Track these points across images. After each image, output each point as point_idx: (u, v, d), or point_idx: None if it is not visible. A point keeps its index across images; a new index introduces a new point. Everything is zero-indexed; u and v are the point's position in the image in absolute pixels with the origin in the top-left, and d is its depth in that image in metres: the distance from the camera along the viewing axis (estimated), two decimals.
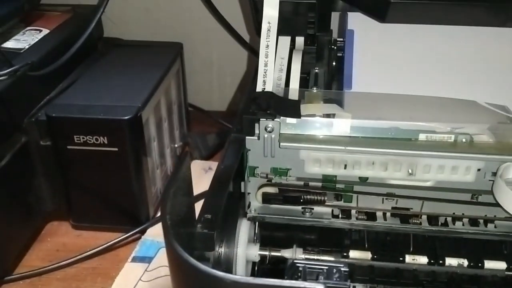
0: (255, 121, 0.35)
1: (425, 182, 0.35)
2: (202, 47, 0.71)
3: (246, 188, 0.37)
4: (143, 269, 0.48)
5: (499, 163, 0.33)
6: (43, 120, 0.48)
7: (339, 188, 0.37)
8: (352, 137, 0.34)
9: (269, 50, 0.37)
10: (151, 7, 0.70)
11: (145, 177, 0.51)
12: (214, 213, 0.29)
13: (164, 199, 0.26)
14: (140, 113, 0.47)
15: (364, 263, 0.37)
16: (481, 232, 0.36)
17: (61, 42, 0.55)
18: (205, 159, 0.62)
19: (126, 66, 0.56)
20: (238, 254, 0.34)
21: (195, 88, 0.70)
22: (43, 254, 0.51)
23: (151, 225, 0.52)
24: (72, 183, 0.50)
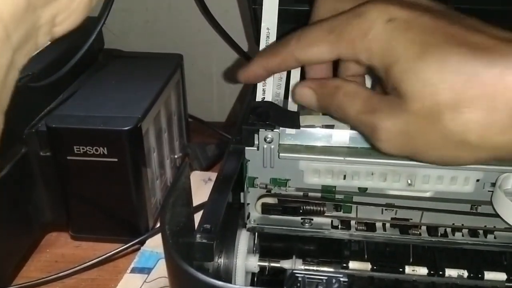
0: (255, 131, 0.35)
1: (424, 193, 0.35)
2: (202, 59, 0.72)
3: (245, 198, 0.37)
4: (142, 280, 0.48)
5: (498, 173, 0.34)
6: (43, 130, 0.48)
7: (338, 198, 0.37)
8: (351, 148, 0.34)
9: None
10: (151, 19, 0.70)
11: (145, 188, 0.51)
12: (213, 223, 0.29)
13: (164, 209, 0.26)
14: (140, 124, 0.47)
15: (363, 274, 0.37)
16: (480, 243, 0.36)
17: (61, 53, 0.55)
18: (205, 169, 0.62)
19: (126, 77, 0.57)
20: (238, 265, 0.34)
21: (195, 99, 0.71)
22: (42, 265, 0.50)
23: (151, 236, 0.52)
24: (71, 194, 0.50)
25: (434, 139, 0.28)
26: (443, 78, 0.26)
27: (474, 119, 0.26)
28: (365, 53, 0.29)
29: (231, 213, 0.34)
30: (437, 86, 0.27)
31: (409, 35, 0.28)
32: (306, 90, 0.34)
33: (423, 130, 0.28)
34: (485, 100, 0.26)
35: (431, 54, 0.27)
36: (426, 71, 0.27)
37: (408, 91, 0.27)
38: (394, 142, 0.29)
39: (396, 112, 0.28)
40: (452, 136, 0.27)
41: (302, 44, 0.32)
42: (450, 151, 0.28)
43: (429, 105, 0.27)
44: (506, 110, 0.25)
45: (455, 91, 0.26)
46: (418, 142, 0.28)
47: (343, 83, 0.32)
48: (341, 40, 0.30)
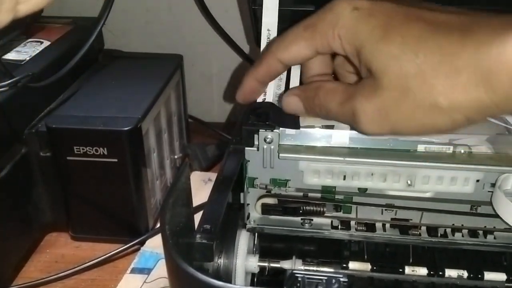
0: (255, 132, 0.35)
1: (424, 193, 0.36)
2: (202, 59, 0.72)
3: (245, 199, 0.37)
4: (142, 280, 0.48)
5: (498, 174, 0.34)
6: (43, 131, 0.48)
7: (338, 199, 0.37)
8: (351, 148, 0.34)
9: None
10: (151, 20, 0.70)
11: (145, 188, 0.51)
12: (213, 224, 0.29)
13: (164, 209, 0.26)
14: (140, 125, 0.47)
15: (363, 274, 0.37)
16: (480, 243, 0.36)
17: (62, 54, 0.55)
18: (205, 170, 0.62)
19: (126, 78, 0.57)
20: (237, 265, 0.34)
21: (195, 100, 0.71)
22: (42, 266, 0.50)
23: (150, 236, 0.52)
24: (71, 194, 0.50)
25: (408, 109, 0.29)
26: (405, 50, 0.29)
27: (438, 83, 0.28)
28: (337, 41, 0.32)
29: (231, 213, 0.34)
30: (401, 59, 0.29)
31: (372, 20, 0.30)
32: (291, 97, 0.35)
33: (397, 102, 0.29)
34: (446, 65, 0.28)
35: (393, 32, 0.29)
36: (390, 48, 0.29)
37: (377, 68, 0.30)
38: (373, 120, 0.30)
39: (370, 92, 0.30)
40: (422, 102, 0.28)
41: (282, 46, 0.34)
42: (425, 117, 0.29)
43: (397, 77, 0.29)
44: (465, 71, 0.27)
45: (417, 60, 0.28)
46: (395, 115, 0.30)
47: (323, 83, 0.34)
48: (316, 35, 0.33)
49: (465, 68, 0.27)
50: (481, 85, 0.27)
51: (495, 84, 0.26)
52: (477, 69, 0.27)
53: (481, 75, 0.27)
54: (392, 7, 0.31)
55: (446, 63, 0.28)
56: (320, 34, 0.32)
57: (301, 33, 0.33)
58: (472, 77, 0.27)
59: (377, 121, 0.30)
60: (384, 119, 0.30)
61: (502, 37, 0.26)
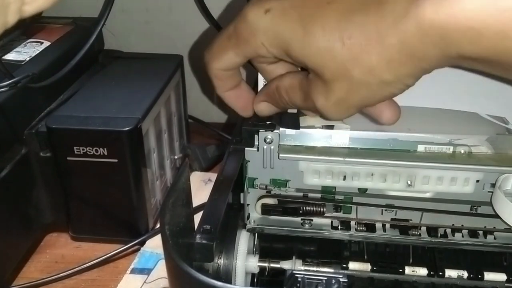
0: (255, 132, 0.35)
1: (424, 193, 0.36)
2: (202, 59, 0.72)
3: (245, 199, 0.37)
4: (142, 280, 0.48)
5: (498, 174, 0.34)
6: (43, 131, 0.48)
7: (338, 199, 0.37)
8: (351, 149, 0.34)
9: None
10: (151, 20, 0.70)
11: (145, 188, 0.51)
12: (213, 224, 0.29)
13: (164, 209, 0.26)
14: (140, 125, 0.48)
15: (363, 274, 0.37)
16: (480, 244, 0.36)
17: (62, 54, 0.55)
18: (205, 170, 0.62)
19: (127, 78, 0.57)
20: (237, 266, 0.34)
21: (195, 100, 0.71)
22: (42, 266, 0.50)
23: (150, 236, 0.52)
24: (71, 195, 0.50)
25: (362, 91, 0.29)
26: (331, 40, 0.28)
27: (375, 63, 0.27)
28: (262, 48, 0.31)
29: (231, 213, 0.34)
30: (330, 49, 0.28)
31: (288, 18, 0.30)
32: (260, 104, 0.36)
33: (348, 90, 0.29)
34: (373, 43, 0.27)
35: (312, 25, 0.29)
36: (316, 42, 0.29)
37: (314, 65, 0.29)
38: (337, 110, 0.31)
39: (321, 88, 0.30)
40: (370, 82, 0.28)
41: (213, 56, 0.34)
42: (381, 91, 0.29)
43: (336, 68, 0.29)
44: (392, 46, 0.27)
45: (346, 47, 0.28)
46: (354, 99, 0.30)
47: (279, 81, 0.34)
48: (240, 44, 0.32)
49: (392, 43, 0.27)
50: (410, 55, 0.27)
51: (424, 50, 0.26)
52: (402, 42, 0.26)
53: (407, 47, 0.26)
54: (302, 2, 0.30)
55: (372, 42, 0.27)
56: (244, 44, 0.32)
57: (226, 43, 0.33)
58: (401, 50, 0.27)
59: (341, 110, 0.31)
60: (346, 107, 0.30)
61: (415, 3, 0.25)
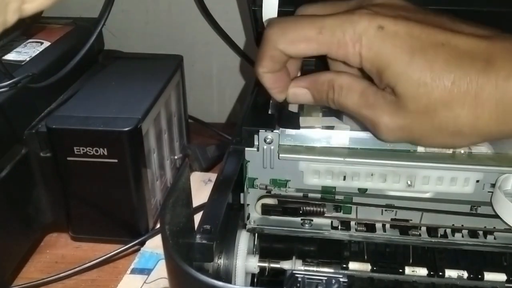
0: (255, 132, 0.35)
1: (424, 194, 0.36)
2: (202, 60, 0.72)
3: (245, 199, 0.37)
4: (142, 281, 0.48)
5: (498, 174, 0.34)
6: (43, 131, 0.48)
7: (338, 199, 0.37)
8: (351, 149, 0.34)
9: None
10: (151, 20, 0.70)
11: (145, 188, 0.51)
12: (213, 224, 0.29)
13: (164, 210, 0.26)
14: (140, 125, 0.48)
15: (363, 274, 0.37)
16: (480, 244, 0.36)
17: (62, 55, 0.55)
18: (205, 170, 0.62)
19: (127, 78, 0.57)
20: (237, 266, 0.34)
21: (195, 100, 0.71)
22: (42, 266, 0.50)
23: (150, 236, 0.52)
24: (71, 195, 0.50)
25: (431, 132, 0.31)
26: (433, 79, 0.29)
27: (464, 113, 0.29)
28: (357, 57, 0.31)
29: (231, 214, 0.34)
30: (429, 87, 0.29)
31: (398, 42, 0.30)
32: (299, 90, 0.35)
33: (420, 125, 0.31)
34: (471, 95, 0.29)
35: (419, 58, 0.30)
36: (417, 74, 0.29)
37: (404, 93, 0.30)
38: (394, 135, 0.32)
39: (394, 110, 0.31)
40: (446, 129, 0.30)
41: (288, 39, 0.32)
42: (446, 140, 0.31)
43: (424, 104, 0.30)
44: (488, 103, 0.29)
45: (445, 90, 0.29)
46: (416, 134, 0.31)
47: (336, 76, 0.33)
48: (333, 42, 0.31)
49: (488, 101, 0.29)
50: (501, 118, 0.29)
51: None
52: (498, 103, 0.29)
53: (502, 109, 0.29)
54: (416, 27, 0.30)
55: (471, 94, 0.29)
56: (338, 45, 0.31)
57: (315, 33, 0.31)
58: (493, 109, 0.29)
59: (398, 136, 0.32)
60: (406, 135, 0.32)
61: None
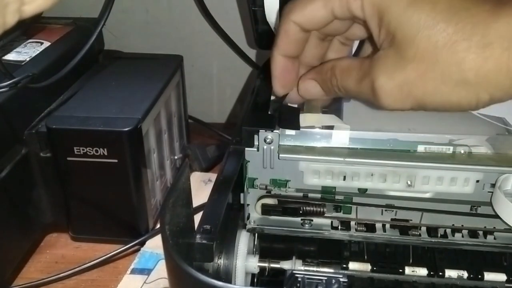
0: (255, 132, 0.35)
1: (424, 194, 0.36)
2: (202, 60, 0.72)
3: (245, 199, 0.37)
4: (142, 281, 0.48)
5: (498, 174, 0.34)
6: (43, 131, 0.48)
7: (338, 199, 0.37)
8: (351, 149, 0.34)
9: None
10: (151, 21, 0.70)
11: (145, 189, 0.51)
12: (213, 224, 0.29)
13: (164, 210, 0.26)
14: (140, 125, 0.48)
15: (363, 274, 0.37)
16: (480, 244, 0.36)
17: (62, 55, 0.55)
18: (205, 170, 0.62)
19: (127, 79, 0.57)
20: (237, 266, 0.34)
21: (195, 100, 0.71)
22: (42, 266, 0.50)
23: (150, 237, 0.52)
24: (71, 195, 0.50)
25: (434, 83, 0.28)
26: (436, 19, 0.27)
27: (469, 57, 0.26)
28: (359, 6, 0.29)
29: (231, 214, 0.34)
30: (431, 28, 0.27)
31: None
32: (308, 82, 0.35)
33: (421, 75, 0.28)
34: (477, 36, 0.26)
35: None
36: (419, 16, 0.27)
37: (404, 37, 0.28)
38: (395, 95, 0.29)
39: (391, 66, 0.29)
40: (450, 76, 0.27)
41: (296, 7, 0.32)
42: (451, 93, 0.28)
43: (425, 47, 0.27)
44: (498, 44, 0.26)
45: (448, 31, 0.27)
46: (418, 89, 0.28)
47: (336, 62, 0.33)
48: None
49: (498, 41, 0.26)
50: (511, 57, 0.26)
51: None
52: (510, 45, 0.25)
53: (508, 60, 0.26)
54: None
55: (478, 35, 0.26)
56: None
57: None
58: (505, 51, 0.26)
59: (399, 95, 0.29)
60: (406, 95, 0.29)
61: None
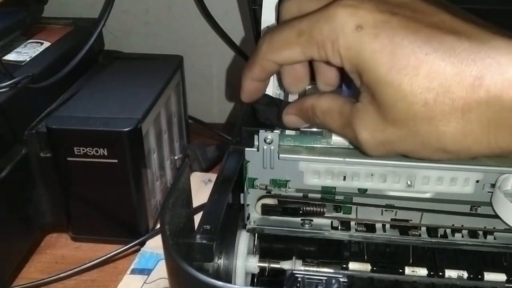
0: (254, 132, 0.35)
1: (424, 194, 0.35)
2: (202, 60, 0.72)
3: (245, 199, 0.37)
4: (142, 281, 0.48)
5: (498, 174, 0.34)
6: (43, 132, 0.48)
7: (338, 199, 0.37)
8: (351, 149, 0.34)
9: None
10: (151, 21, 0.70)
11: (145, 189, 0.51)
12: (213, 224, 0.29)
13: (164, 210, 0.26)
14: (140, 125, 0.48)
15: (363, 274, 0.37)
16: (480, 244, 0.36)
17: (62, 55, 0.55)
18: (205, 171, 0.63)
19: (127, 79, 0.57)
20: (237, 266, 0.34)
21: (195, 101, 0.71)
22: (42, 266, 0.50)
23: (151, 237, 0.52)
24: (71, 195, 0.50)
25: (414, 147, 0.28)
26: (414, 92, 0.26)
27: (448, 131, 0.26)
28: (337, 58, 0.29)
29: (231, 214, 0.34)
30: (409, 101, 0.26)
31: (377, 44, 0.27)
32: (290, 117, 0.35)
33: (401, 140, 0.28)
34: (458, 114, 0.26)
35: (401, 66, 0.26)
36: (397, 84, 0.26)
37: (383, 101, 0.27)
38: (377, 150, 0.30)
39: (373, 124, 0.29)
40: (430, 145, 0.27)
41: (273, 48, 0.31)
42: (432, 155, 0.28)
43: (405, 117, 0.27)
44: (478, 123, 0.26)
45: (428, 105, 0.26)
46: (400, 149, 0.29)
47: (316, 101, 0.32)
48: (312, 43, 0.29)
49: (479, 120, 0.26)
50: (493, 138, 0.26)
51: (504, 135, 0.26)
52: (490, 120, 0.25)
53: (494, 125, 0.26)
54: (400, 25, 0.27)
55: (458, 110, 0.26)
56: (317, 45, 0.29)
57: (295, 39, 0.30)
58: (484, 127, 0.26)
59: (383, 151, 0.30)
60: (390, 151, 0.29)
61: None
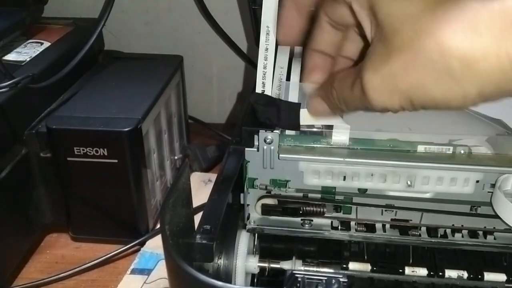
0: (255, 132, 0.35)
1: (424, 194, 0.36)
2: (202, 60, 0.72)
3: (245, 199, 0.37)
4: (142, 281, 0.48)
5: (498, 174, 0.34)
6: (43, 132, 0.48)
7: (338, 199, 0.37)
8: (351, 149, 0.34)
9: (268, 53, 0.37)
10: (152, 21, 0.70)
11: (145, 189, 0.51)
12: (213, 224, 0.29)
13: (164, 210, 0.26)
14: (140, 125, 0.48)
15: (363, 275, 0.37)
16: (480, 244, 0.36)
17: (62, 55, 0.55)
18: (205, 171, 0.63)
19: (127, 79, 0.57)
20: (237, 266, 0.34)
21: (195, 101, 0.71)
22: (42, 266, 0.50)
23: (151, 237, 0.52)
24: (71, 195, 0.50)
25: (417, 74, 0.27)
26: (423, 9, 0.26)
27: (454, 44, 0.25)
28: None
29: (231, 214, 0.34)
30: (417, 18, 0.26)
31: None
32: (314, 99, 0.33)
33: (405, 65, 0.27)
34: (465, 24, 0.25)
35: None
36: (406, 5, 0.26)
37: (390, 27, 0.27)
38: (380, 90, 0.28)
39: (378, 57, 0.28)
40: (433, 65, 0.26)
41: None
42: (435, 86, 0.26)
43: (410, 37, 0.26)
44: (489, 35, 0.25)
45: (435, 17, 0.26)
46: (402, 82, 0.27)
47: (336, 73, 0.32)
48: None
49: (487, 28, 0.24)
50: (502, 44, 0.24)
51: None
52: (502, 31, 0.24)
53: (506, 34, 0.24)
54: None
55: (465, 21, 0.25)
56: None
57: None
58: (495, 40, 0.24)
59: (385, 92, 0.28)
60: (391, 89, 0.27)
61: None
